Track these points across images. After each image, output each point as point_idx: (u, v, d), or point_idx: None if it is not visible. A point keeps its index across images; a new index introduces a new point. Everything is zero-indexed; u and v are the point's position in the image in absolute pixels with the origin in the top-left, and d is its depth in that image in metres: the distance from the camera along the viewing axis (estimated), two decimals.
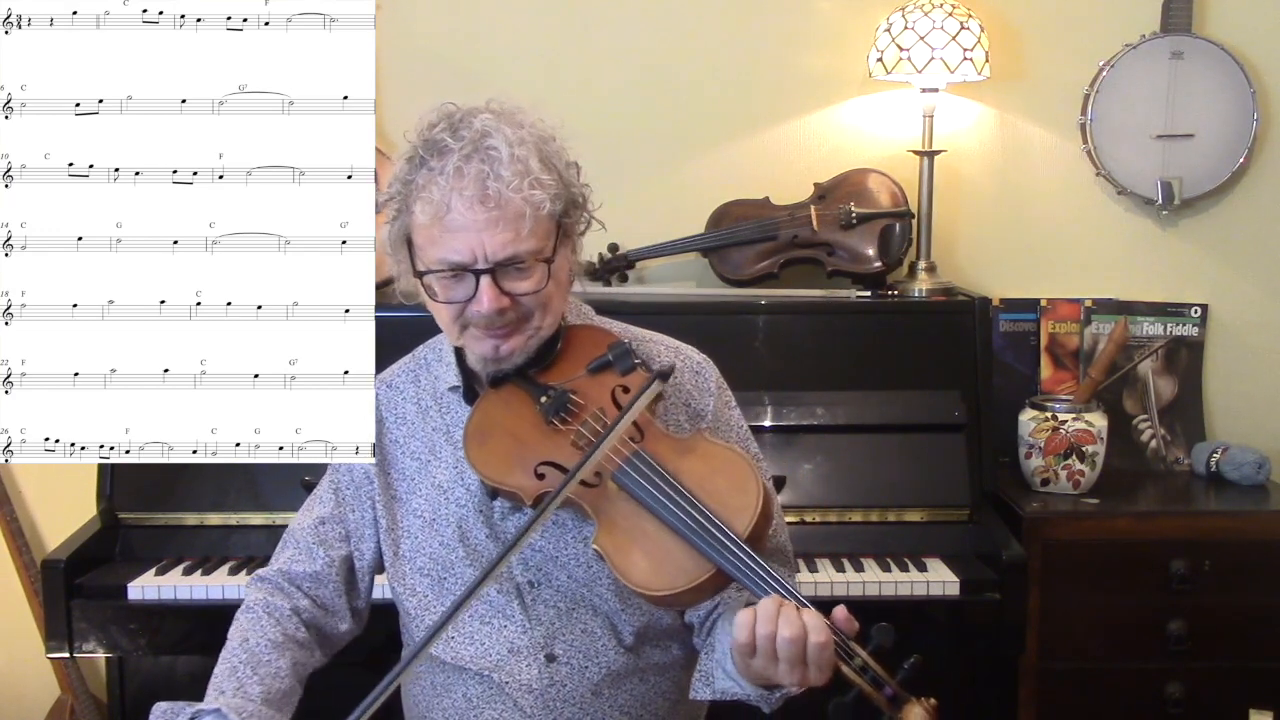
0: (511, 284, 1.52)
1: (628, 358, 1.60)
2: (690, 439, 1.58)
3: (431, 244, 1.51)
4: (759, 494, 1.48)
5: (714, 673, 1.54)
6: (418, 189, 1.50)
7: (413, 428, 1.70)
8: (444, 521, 1.65)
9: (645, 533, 1.48)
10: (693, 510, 1.47)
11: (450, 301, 1.53)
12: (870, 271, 2.82)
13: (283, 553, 1.74)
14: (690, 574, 1.44)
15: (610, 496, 1.52)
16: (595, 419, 1.56)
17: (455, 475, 1.66)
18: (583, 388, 1.60)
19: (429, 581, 1.66)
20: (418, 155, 1.51)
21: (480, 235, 1.48)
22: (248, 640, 1.64)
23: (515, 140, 1.49)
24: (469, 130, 1.50)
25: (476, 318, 1.53)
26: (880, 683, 1.36)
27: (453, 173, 1.47)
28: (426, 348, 1.76)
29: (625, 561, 1.47)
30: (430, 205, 1.48)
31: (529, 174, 1.48)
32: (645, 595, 1.46)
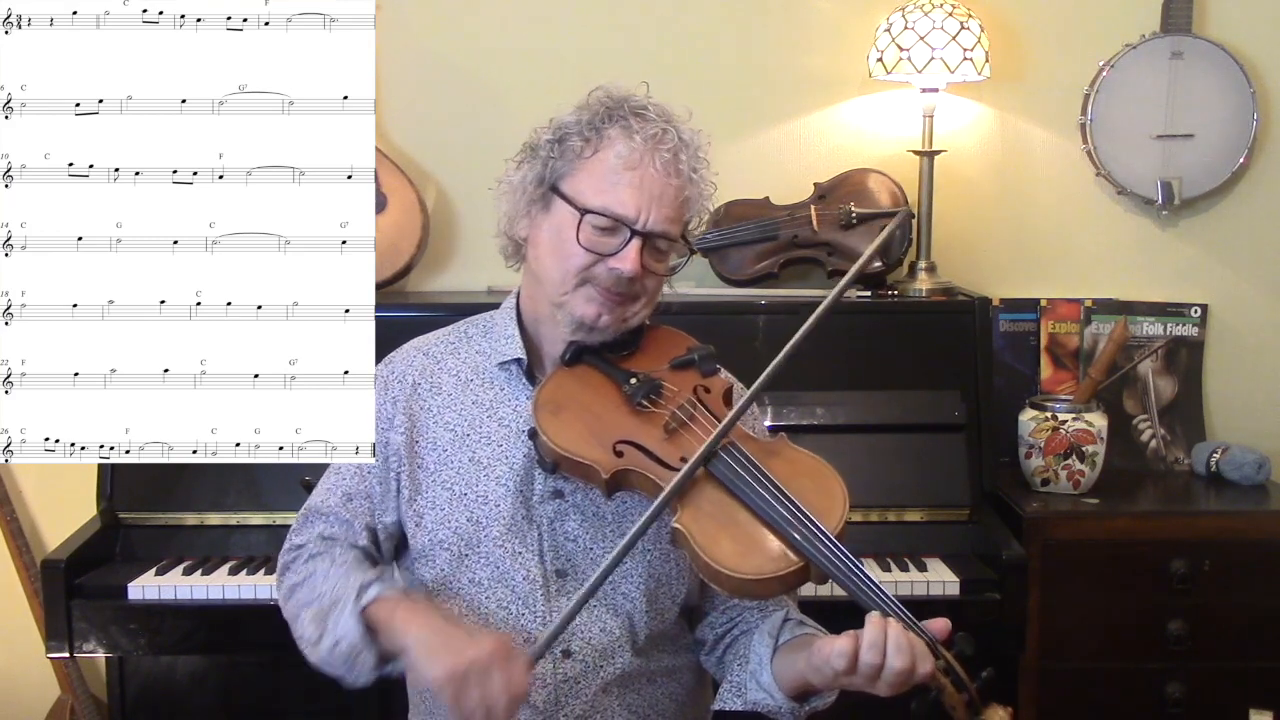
0: (649, 259, 1.58)
1: (711, 360, 1.66)
2: (774, 443, 1.62)
3: (605, 190, 1.56)
4: (845, 499, 1.52)
5: (746, 684, 1.57)
6: (609, 140, 1.57)
7: (449, 399, 1.69)
8: (477, 498, 1.64)
9: (735, 520, 1.50)
10: (787, 501, 1.49)
11: (591, 249, 1.56)
12: (870, 271, 2.82)
13: (311, 527, 1.70)
14: (780, 563, 1.46)
15: (699, 483, 1.53)
16: (690, 406, 1.59)
17: (499, 452, 1.65)
18: (668, 379, 1.63)
19: (449, 555, 1.65)
20: (607, 111, 1.59)
21: (654, 200, 1.56)
22: (336, 560, 1.63)
23: (696, 135, 1.62)
24: (658, 113, 1.60)
25: (606, 276, 1.57)
26: (962, 686, 1.39)
27: (655, 136, 1.56)
28: (469, 323, 1.76)
29: (712, 544, 1.48)
30: (623, 155, 1.56)
31: (704, 167, 1.61)
32: (729, 578, 1.46)
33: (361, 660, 1.53)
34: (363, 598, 1.53)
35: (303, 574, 1.65)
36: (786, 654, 1.56)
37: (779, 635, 1.58)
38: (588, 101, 1.62)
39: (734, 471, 1.52)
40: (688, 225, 1.63)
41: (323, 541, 1.68)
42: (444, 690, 1.43)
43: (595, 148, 1.57)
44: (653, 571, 1.63)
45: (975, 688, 1.39)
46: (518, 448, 1.64)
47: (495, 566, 1.63)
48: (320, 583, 1.60)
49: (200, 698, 2.68)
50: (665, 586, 1.65)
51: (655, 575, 1.64)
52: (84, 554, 2.44)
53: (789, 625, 1.60)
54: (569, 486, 1.63)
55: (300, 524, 1.72)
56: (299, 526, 1.72)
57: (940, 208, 2.89)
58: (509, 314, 1.71)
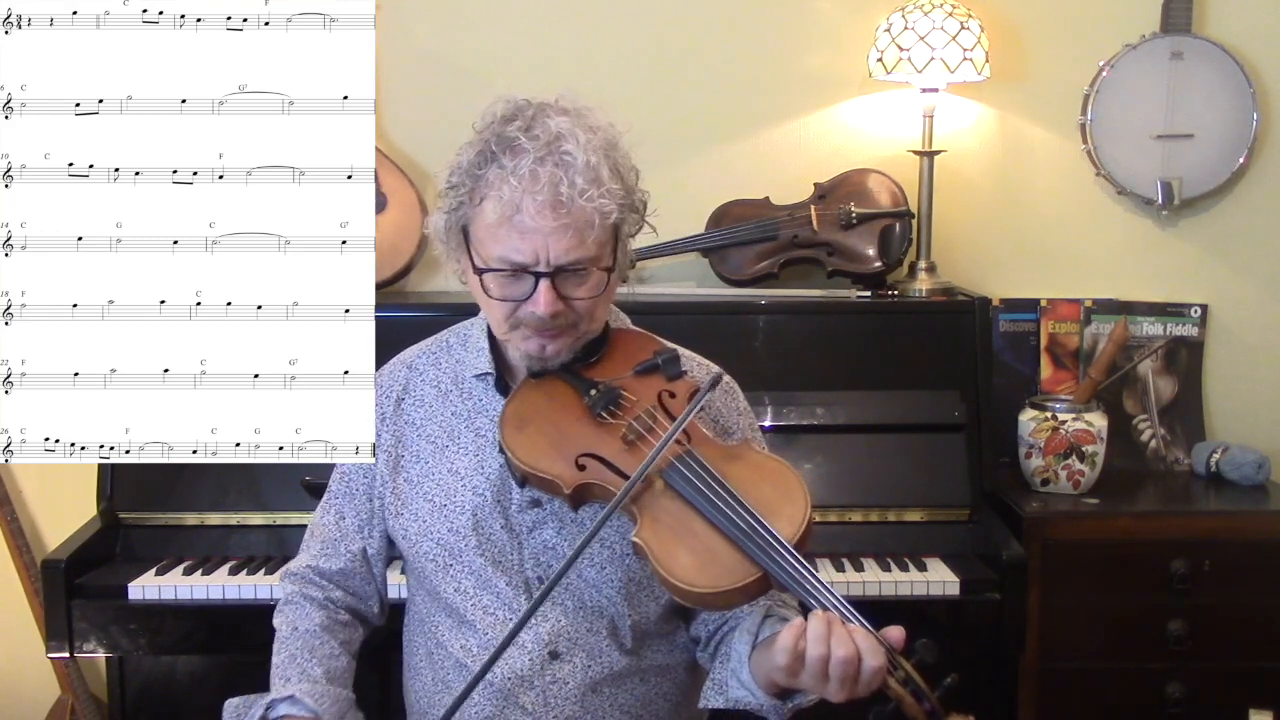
0: (569, 288, 1.53)
1: (676, 364, 1.62)
2: (737, 447, 1.59)
3: (494, 241, 1.51)
4: (806, 504, 1.49)
5: (728, 681, 1.55)
6: (487, 184, 1.50)
7: (430, 411, 1.70)
8: (456, 508, 1.64)
9: (692, 531, 1.48)
10: (743, 512, 1.47)
11: (505, 299, 1.54)
12: (870, 271, 2.82)
13: (309, 548, 1.76)
14: (736, 575, 1.44)
15: (657, 494, 1.51)
16: (647, 416, 1.57)
17: (475, 463, 1.65)
18: (630, 387, 1.61)
19: (434, 566, 1.65)
20: (489, 150, 1.51)
21: (546, 239, 1.48)
22: (297, 628, 1.68)
23: (589, 146, 1.50)
24: (543, 130, 1.50)
25: (530, 318, 1.54)
26: (921, 696, 1.36)
27: (527, 175, 1.47)
28: (451, 333, 1.76)
29: (669, 558, 1.46)
30: (500, 204, 1.48)
31: (601, 183, 1.49)
32: (687, 592, 1.45)
33: None
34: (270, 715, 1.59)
35: (279, 621, 1.72)
36: (763, 650, 1.54)
37: (759, 631, 1.57)
38: (476, 130, 1.55)
39: (689, 481, 1.50)
40: (618, 229, 1.55)
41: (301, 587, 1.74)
42: None
43: (480, 195, 1.51)
44: (630, 575, 1.63)
45: (936, 697, 1.36)
46: (494, 458, 1.64)
47: (477, 575, 1.63)
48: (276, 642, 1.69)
49: (200, 698, 2.67)
50: (645, 589, 1.65)
51: (633, 579, 1.63)
52: (84, 554, 2.44)
53: (769, 622, 1.58)
54: (546, 495, 1.62)
55: (306, 537, 1.78)
56: (302, 547, 1.78)
57: (940, 208, 2.89)
58: (482, 326, 1.70)
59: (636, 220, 1.60)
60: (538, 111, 1.53)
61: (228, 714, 1.60)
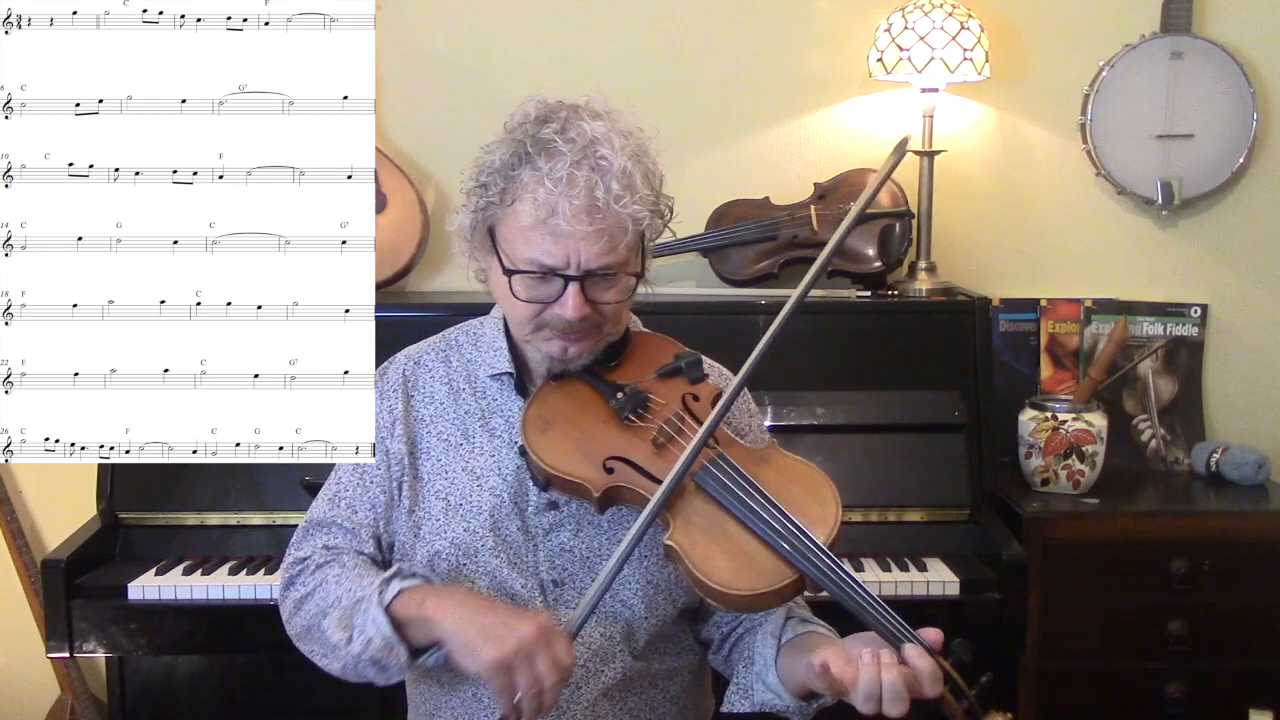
0: (597, 292, 1.53)
1: (698, 367, 1.64)
2: (765, 450, 1.60)
3: (526, 243, 1.50)
4: (837, 505, 1.50)
5: (753, 686, 1.56)
6: (521, 186, 1.50)
7: (441, 408, 1.68)
8: (473, 508, 1.63)
9: (727, 534, 1.48)
10: (778, 514, 1.47)
11: (532, 301, 1.53)
12: (870, 271, 2.82)
13: (313, 539, 1.67)
14: (774, 577, 1.45)
15: (689, 497, 1.52)
16: (676, 419, 1.57)
17: (491, 463, 1.64)
18: (655, 390, 1.61)
19: (447, 566, 1.63)
20: (524, 150, 1.50)
21: (579, 244, 1.49)
22: (346, 565, 1.60)
23: (623, 151, 1.50)
24: (579, 134, 1.49)
25: (555, 320, 1.54)
26: (960, 694, 1.38)
27: (564, 178, 1.47)
28: (458, 330, 1.74)
29: (705, 561, 1.46)
30: (535, 206, 1.48)
31: (635, 189, 1.49)
32: (724, 595, 1.45)
33: (394, 655, 1.49)
34: (386, 592, 1.50)
35: (311, 584, 1.62)
36: (790, 654, 1.55)
37: (781, 635, 1.58)
38: (508, 129, 1.55)
39: (721, 484, 1.51)
40: (644, 237, 1.57)
41: (327, 551, 1.64)
42: (492, 679, 1.42)
43: (513, 196, 1.51)
44: (651, 578, 1.62)
45: (974, 694, 1.38)
46: (511, 458, 1.63)
47: (492, 576, 1.61)
48: (334, 588, 1.58)
49: (200, 698, 2.68)
50: (664, 592, 1.64)
51: (654, 582, 1.63)
52: (84, 554, 2.44)
53: (791, 623, 1.59)
54: (564, 497, 1.61)
55: (301, 536, 1.69)
56: (300, 539, 1.69)
57: (940, 208, 2.89)
58: (497, 325, 1.69)
59: (660, 226, 1.60)
60: (570, 114, 1.53)
61: (330, 628, 1.52)
